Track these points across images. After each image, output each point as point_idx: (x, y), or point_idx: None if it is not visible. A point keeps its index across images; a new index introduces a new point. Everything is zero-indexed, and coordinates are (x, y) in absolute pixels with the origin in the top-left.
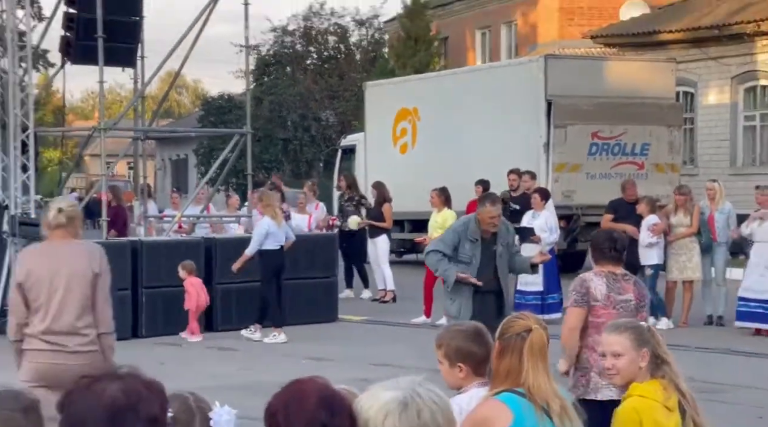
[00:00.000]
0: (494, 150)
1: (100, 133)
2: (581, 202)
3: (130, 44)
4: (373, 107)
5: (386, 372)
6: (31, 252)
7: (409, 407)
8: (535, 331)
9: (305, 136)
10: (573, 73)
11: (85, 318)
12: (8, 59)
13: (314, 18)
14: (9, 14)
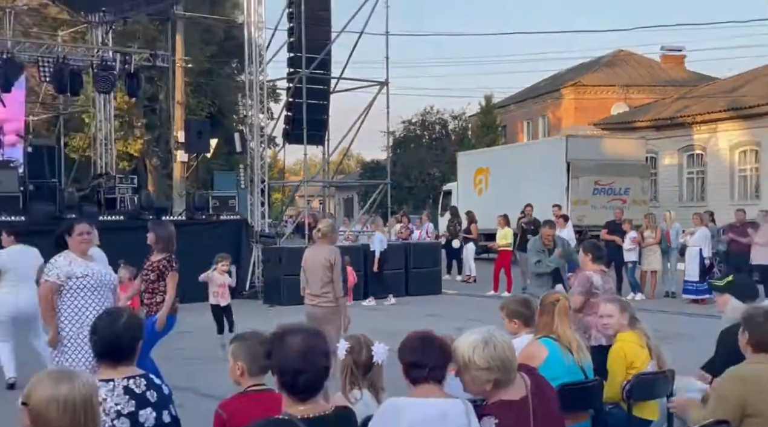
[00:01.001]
0: (534, 191)
1: (304, 184)
2: (588, 223)
3: (321, 132)
4: (462, 167)
5: (471, 324)
6: (308, 250)
7: (488, 343)
8: (561, 300)
9: (422, 184)
10: (583, 146)
11: (325, 287)
12: (255, 142)
13: (427, 115)
14: (255, 117)
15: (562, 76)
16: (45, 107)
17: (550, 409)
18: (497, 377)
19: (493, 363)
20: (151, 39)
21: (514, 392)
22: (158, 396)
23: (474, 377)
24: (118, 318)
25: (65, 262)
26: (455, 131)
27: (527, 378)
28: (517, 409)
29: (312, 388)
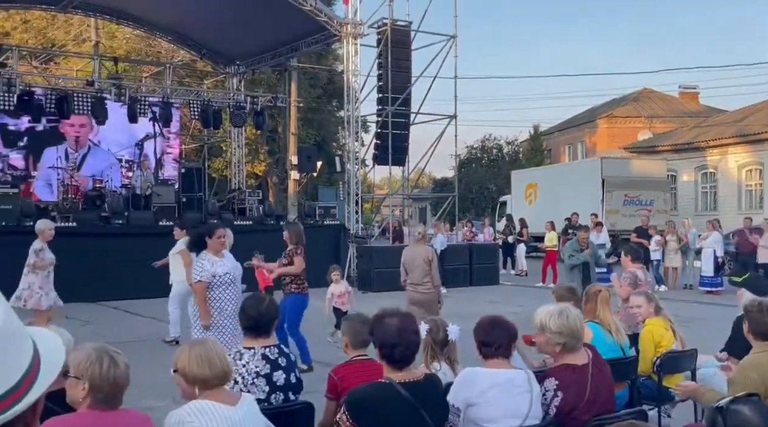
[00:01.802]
0: (574, 202)
1: (388, 196)
2: (619, 228)
3: (402, 156)
4: (515, 183)
5: (524, 309)
6: (407, 249)
7: (562, 313)
8: (603, 291)
9: (481, 196)
10: (615, 166)
11: (426, 277)
12: (351, 164)
13: (486, 141)
14: (351, 144)
15: (598, 109)
16: (193, 138)
17: (604, 377)
18: (566, 342)
19: (564, 330)
20: (272, 85)
21: (578, 358)
22: (287, 362)
23: (547, 339)
24: (262, 301)
25: (209, 264)
26: (509, 154)
27: (590, 351)
28: (578, 373)
29: (405, 358)
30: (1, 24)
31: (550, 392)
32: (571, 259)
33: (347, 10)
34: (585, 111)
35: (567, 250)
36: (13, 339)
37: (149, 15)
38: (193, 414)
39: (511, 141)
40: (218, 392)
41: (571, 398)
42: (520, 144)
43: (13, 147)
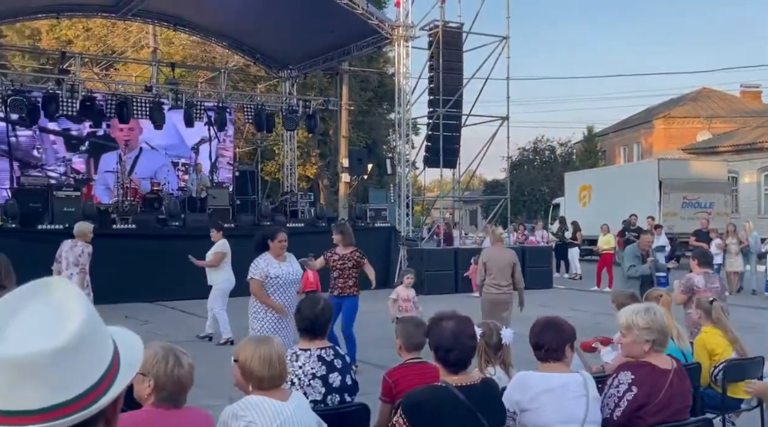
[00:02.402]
0: (630, 204)
1: (440, 199)
2: (678, 231)
3: (453, 158)
4: (568, 184)
5: (577, 313)
6: (488, 249)
7: (650, 310)
8: (664, 296)
9: (533, 198)
10: (673, 168)
11: (507, 280)
12: (402, 166)
13: (539, 142)
14: (402, 147)
15: (654, 109)
16: (247, 141)
17: (683, 387)
18: (655, 338)
19: (653, 325)
20: (324, 88)
21: (662, 362)
22: (342, 364)
23: (635, 338)
24: (318, 303)
25: (264, 264)
26: (562, 156)
27: (675, 361)
28: (657, 374)
29: (461, 362)
30: (64, 32)
31: (624, 386)
32: (632, 270)
33: (399, 12)
34: (641, 111)
35: (627, 257)
36: (96, 337)
37: (205, 21)
38: (247, 409)
39: (565, 142)
40: (271, 390)
41: (643, 395)
42: (574, 145)
43: (76, 151)
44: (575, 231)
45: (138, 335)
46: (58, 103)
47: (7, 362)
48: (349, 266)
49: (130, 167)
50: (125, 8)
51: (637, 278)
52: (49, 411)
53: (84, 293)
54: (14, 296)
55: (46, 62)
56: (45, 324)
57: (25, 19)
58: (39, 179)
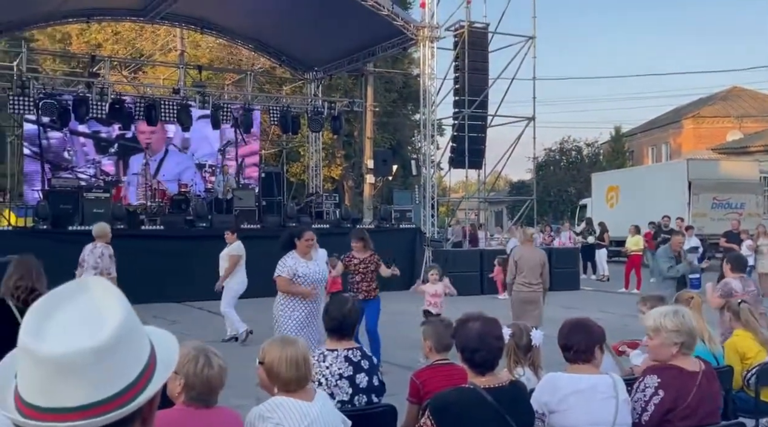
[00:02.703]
0: (659, 205)
1: (465, 200)
2: (707, 233)
3: (479, 159)
4: (595, 185)
5: (605, 315)
6: (519, 248)
7: (678, 312)
8: (695, 297)
9: (560, 199)
10: (702, 168)
11: (537, 278)
12: (427, 167)
13: (565, 143)
14: (427, 148)
15: (683, 109)
16: (273, 143)
17: (713, 390)
18: (683, 341)
19: (682, 328)
20: (349, 90)
21: (689, 364)
22: (369, 364)
23: (664, 340)
24: (345, 303)
25: (292, 262)
26: (588, 156)
27: (703, 363)
28: (684, 377)
29: (487, 363)
30: (94, 36)
31: (650, 389)
32: (671, 270)
33: (424, 13)
34: (669, 111)
35: (662, 258)
36: (133, 336)
37: (231, 24)
38: (273, 410)
39: (591, 143)
40: (297, 391)
41: (670, 399)
42: (601, 146)
43: (105, 153)
44: (602, 232)
45: (173, 335)
46: (88, 106)
47: (48, 360)
48: (371, 269)
49: (155, 169)
50: (153, 12)
51: (674, 279)
52: (87, 408)
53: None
54: (55, 295)
55: (76, 66)
56: (84, 323)
57: (56, 23)
58: (69, 181)
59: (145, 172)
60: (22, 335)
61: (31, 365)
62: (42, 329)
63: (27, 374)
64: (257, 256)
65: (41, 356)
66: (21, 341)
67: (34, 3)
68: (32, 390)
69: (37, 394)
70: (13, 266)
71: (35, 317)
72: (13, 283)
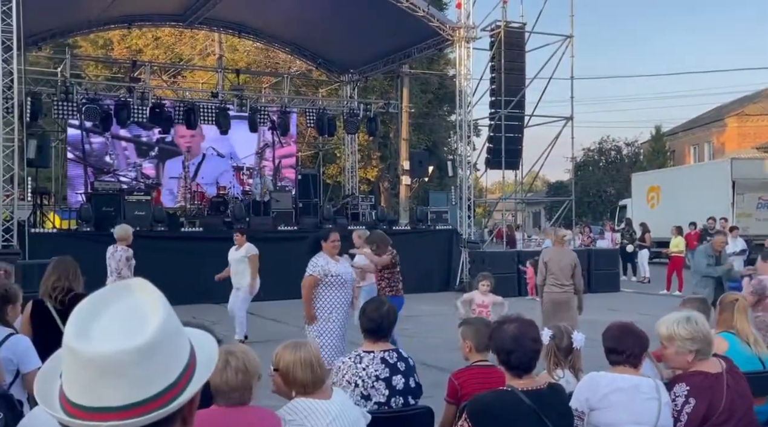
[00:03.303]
0: (701, 206)
1: (502, 201)
2: (753, 233)
3: (516, 159)
4: (636, 185)
5: (645, 317)
6: (549, 249)
7: (690, 319)
8: (740, 300)
9: (599, 200)
10: (747, 167)
11: (568, 279)
12: (463, 168)
13: (604, 142)
14: (463, 148)
15: (726, 107)
16: (309, 145)
17: (741, 388)
18: (699, 348)
19: (696, 335)
20: (384, 91)
21: (710, 367)
22: (406, 366)
23: (678, 348)
24: (382, 305)
25: (324, 262)
26: (628, 156)
27: (723, 361)
28: (711, 380)
29: (522, 365)
30: (135, 42)
31: (681, 399)
32: (709, 269)
33: (460, 14)
34: (712, 110)
35: (700, 257)
36: (174, 337)
37: (268, 28)
38: (294, 412)
39: (631, 142)
40: (314, 392)
41: (704, 406)
42: (641, 145)
43: (146, 157)
44: (644, 233)
45: (212, 336)
46: (129, 110)
47: (91, 360)
48: (397, 270)
49: (194, 173)
50: (192, 17)
51: (713, 278)
52: (129, 408)
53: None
54: (98, 296)
55: (117, 71)
56: (127, 324)
57: (99, 30)
58: (111, 184)
59: (184, 175)
60: (67, 336)
61: (75, 365)
62: (86, 330)
63: (72, 374)
64: (293, 258)
65: (85, 357)
66: (66, 342)
67: (77, 10)
68: (77, 390)
69: (81, 394)
70: (51, 268)
71: (80, 318)
72: (51, 284)
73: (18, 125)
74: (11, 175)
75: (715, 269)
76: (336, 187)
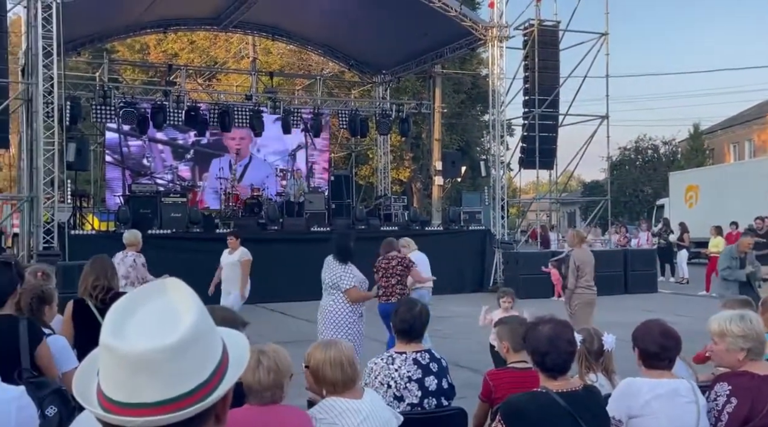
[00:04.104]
0: (741, 205)
1: (536, 201)
2: None
3: (550, 159)
4: (674, 185)
5: (682, 319)
6: (578, 251)
7: (744, 317)
8: None
9: (635, 199)
10: None
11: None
12: (496, 168)
13: (640, 141)
14: (496, 148)
15: (767, 104)
16: (342, 146)
17: None
18: (750, 347)
19: (749, 333)
20: (417, 92)
21: (760, 368)
22: (438, 367)
23: (729, 345)
24: (415, 306)
25: (357, 271)
26: (665, 154)
27: None
28: (757, 381)
29: (557, 367)
30: (170, 46)
31: (722, 398)
32: (726, 272)
33: (492, 13)
34: (752, 107)
35: (723, 257)
36: (207, 336)
37: (301, 30)
38: (325, 411)
39: (669, 141)
40: (344, 392)
41: (746, 407)
42: (679, 144)
43: (181, 159)
44: (682, 233)
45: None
46: (166, 113)
47: (126, 357)
48: (398, 272)
49: (240, 174)
50: (227, 20)
51: (732, 282)
52: (164, 404)
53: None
54: (133, 295)
55: (154, 75)
56: (161, 322)
57: (136, 34)
58: (148, 186)
59: (232, 177)
60: (104, 333)
61: (112, 362)
62: (122, 328)
63: (108, 371)
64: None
65: (121, 354)
66: (102, 340)
67: (115, 15)
68: (113, 386)
69: (117, 390)
70: (88, 267)
71: (116, 316)
72: (91, 283)
73: (58, 129)
74: (51, 178)
75: (732, 273)
76: (368, 188)
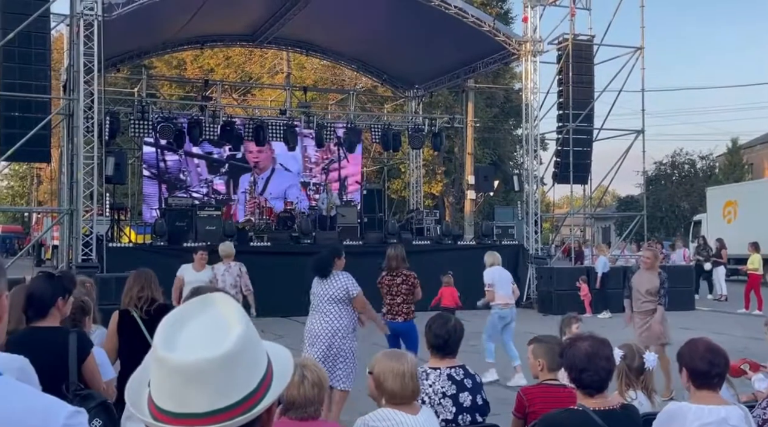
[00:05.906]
0: None
1: (570, 215)
2: None
3: (584, 173)
4: (711, 200)
5: (719, 337)
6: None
7: None
8: None
9: (672, 215)
10: None
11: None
12: (529, 183)
13: (677, 156)
14: (530, 163)
15: None
16: (374, 160)
17: None
18: None
19: None
20: (449, 106)
21: None
22: (473, 383)
23: None
24: (449, 320)
25: None
26: (703, 169)
27: None
28: None
29: (595, 385)
30: (207, 61)
31: None
32: None
33: (526, 27)
34: None
35: None
36: (253, 348)
37: (335, 46)
38: (378, 420)
39: (706, 156)
40: (402, 405)
41: None
42: (716, 159)
43: (216, 173)
44: (720, 249)
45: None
46: (202, 128)
47: (177, 368)
48: (403, 291)
49: (262, 187)
50: (262, 36)
51: None
52: (212, 415)
53: (241, 306)
54: (183, 309)
55: (190, 90)
56: (210, 335)
57: (173, 50)
58: (184, 200)
59: (252, 190)
60: (155, 345)
61: (162, 373)
62: (173, 340)
63: (159, 382)
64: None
65: (172, 365)
66: (154, 351)
67: (153, 32)
68: (164, 396)
69: (168, 400)
70: (132, 279)
71: (167, 329)
72: (135, 294)
73: (97, 143)
74: (91, 192)
75: None
76: (401, 202)
